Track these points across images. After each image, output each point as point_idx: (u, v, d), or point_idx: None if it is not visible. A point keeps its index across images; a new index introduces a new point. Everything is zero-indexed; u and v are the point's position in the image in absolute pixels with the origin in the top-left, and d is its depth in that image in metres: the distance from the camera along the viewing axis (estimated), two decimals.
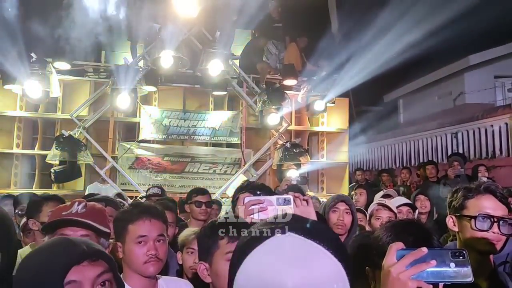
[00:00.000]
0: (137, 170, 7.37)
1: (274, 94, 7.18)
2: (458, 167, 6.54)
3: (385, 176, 8.59)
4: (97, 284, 1.07)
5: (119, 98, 6.54)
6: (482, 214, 1.72)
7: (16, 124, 7.17)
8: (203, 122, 7.59)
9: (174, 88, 7.79)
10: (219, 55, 6.89)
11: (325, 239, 0.78)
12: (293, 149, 7.08)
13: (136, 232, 1.86)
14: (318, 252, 0.76)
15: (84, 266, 1.05)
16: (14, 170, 7.15)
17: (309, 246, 0.77)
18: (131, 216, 1.91)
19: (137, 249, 1.85)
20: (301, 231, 0.78)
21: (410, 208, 3.51)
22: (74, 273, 1.03)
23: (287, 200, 1.66)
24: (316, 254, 0.76)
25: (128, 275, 1.89)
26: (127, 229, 1.88)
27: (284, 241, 0.77)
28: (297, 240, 0.77)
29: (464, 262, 0.97)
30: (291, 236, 0.78)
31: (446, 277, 0.97)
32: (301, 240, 0.77)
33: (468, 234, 1.75)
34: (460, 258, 0.97)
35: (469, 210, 1.77)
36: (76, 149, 6.52)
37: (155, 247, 1.86)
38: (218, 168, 7.66)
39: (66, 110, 7.24)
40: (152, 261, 1.84)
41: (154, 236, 1.88)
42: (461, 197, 1.82)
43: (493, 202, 1.75)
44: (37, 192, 6.29)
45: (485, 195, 1.77)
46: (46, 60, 6.71)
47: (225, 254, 1.58)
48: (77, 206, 1.82)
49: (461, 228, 1.80)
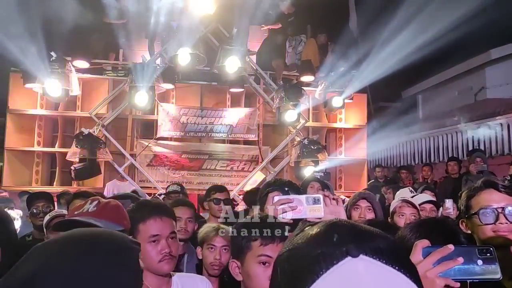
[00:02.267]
0: (155, 168, 7.42)
1: (291, 90, 7.14)
2: (480, 163, 6.42)
3: (404, 173, 8.48)
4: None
5: (137, 96, 6.58)
6: (484, 207, 1.71)
7: (37, 122, 7.28)
8: (220, 119, 7.59)
9: (191, 86, 7.82)
10: (236, 52, 6.88)
11: (404, 264, 0.63)
12: (310, 146, 7.03)
13: (149, 232, 1.85)
14: (400, 282, 0.61)
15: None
16: (35, 167, 7.27)
17: (389, 274, 0.61)
18: (141, 215, 1.88)
19: (150, 248, 1.84)
20: (375, 252, 0.62)
21: (434, 206, 3.44)
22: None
23: (316, 199, 1.64)
24: (397, 284, 0.61)
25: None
26: (138, 229, 1.86)
27: (357, 267, 0.61)
28: (373, 267, 0.61)
29: (492, 259, 0.96)
30: (365, 260, 0.61)
31: (473, 274, 0.96)
32: (377, 266, 0.61)
33: (480, 233, 1.72)
34: (487, 255, 0.96)
35: (473, 208, 1.75)
36: (95, 147, 6.59)
37: (168, 244, 1.85)
38: (235, 165, 7.66)
39: (85, 108, 7.32)
40: (166, 259, 1.84)
41: (167, 234, 1.87)
42: (465, 198, 1.81)
43: (495, 195, 1.72)
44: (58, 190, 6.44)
45: (486, 189, 1.75)
46: (66, 59, 6.79)
47: (257, 257, 1.56)
48: (89, 204, 1.81)
49: (472, 229, 1.77)
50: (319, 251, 0.63)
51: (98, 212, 1.79)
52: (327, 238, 0.65)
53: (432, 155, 11.73)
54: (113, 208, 1.88)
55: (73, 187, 6.81)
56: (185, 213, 3.00)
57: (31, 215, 3.80)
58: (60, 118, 7.48)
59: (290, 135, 7.58)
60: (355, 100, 8.03)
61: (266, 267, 1.55)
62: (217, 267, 2.40)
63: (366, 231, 0.67)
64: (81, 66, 7.15)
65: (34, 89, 6.82)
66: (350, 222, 0.69)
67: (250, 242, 1.59)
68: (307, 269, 0.62)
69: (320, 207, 1.65)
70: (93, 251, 0.89)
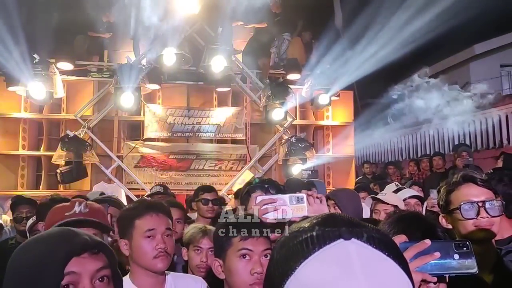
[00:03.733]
0: (142, 169, 7.37)
1: (278, 89, 7.14)
2: (466, 157, 6.50)
3: (392, 168, 8.56)
4: (95, 278, 1.03)
5: (123, 97, 6.53)
6: (465, 202, 1.72)
7: (21, 126, 7.19)
8: (207, 119, 7.57)
9: (177, 86, 7.78)
10: (221, 51, 6.86)
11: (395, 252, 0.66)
12: (298, 144, 7.04)
13: (144, 227, 1.84)
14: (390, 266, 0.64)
15: (84, 258, 1.02)
16: (20, 171, 7.17)
17: (379, 257, 0.64)
18: (138, 211, 1.89)
19: (145, 243, 1.82)
20: (367, 238, 0.65)
21: (418, 200, 3.47)
22: (74, 264, 0.99)
23: (300, 198, 1.64)
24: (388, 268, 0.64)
25: (135, 274, 1.87)
26: (134, 225, 1.85)
27: (348, 249, 0.63)
28: (364, 250, 0.63)
29: (468, 253, 0.97)
30: (356, 244, 0.64)
31: (450, 268, 0.97)
32: (369, 250, 0.64)
33: (461, 228, 1.74)
34: (464, 249, 0.97)
35: (454, 203, 1.77)
36: (81, 149, 6.52)
37: (164, 241, 1.84)
38: (223, 164, 7.65)
39: (70, 110, 7.25)
40: (161, 256, 1.82)
41: (162, 230, 1.86)
42: (444, 193, 1.82)
43: (474, 189, 1.74)
44: (44, 193, 6.36)
45: (465, 184, 1.77)
46: (49, 61, 6.71)
47: (238, 251, 1.58)
48: (78, 206, 1.80)
49: (453, 224, 1.79)
50: (313, 233, 0.66)
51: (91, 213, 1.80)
52: (321, 222, 0.68)
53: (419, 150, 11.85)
54: (100, 209, 1.90)
55: (60, 191, 6.74)
56: (174, 214, 2.99)
57: (14, 221, 3.81)
58: (44, 121, 7.40)
59: (278, 133, 7.58)
60: (341, 97, 8.06)
61: (246, 260, 1.57)
62: (203, 269, 2.38)
63: (360, 222, 0.69)
64: (65, 68, 7.08)
65: (18, 92, 6.73)
66: (346, 215, 0.71)
67: (230, 239, 1.60)
68: (300, 248, 0.65)
69: (304, 206, 1.65)
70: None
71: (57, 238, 1.04)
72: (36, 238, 1.08)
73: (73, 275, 0.99)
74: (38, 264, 0.98)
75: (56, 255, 0.99)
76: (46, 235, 1.08)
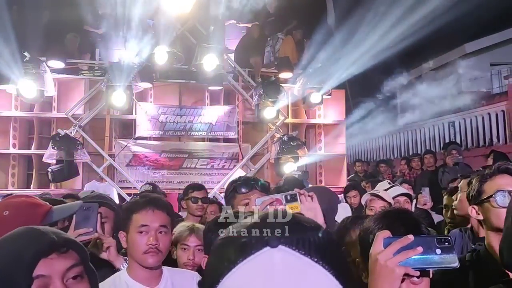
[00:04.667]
0: (134, 167, 7.35)
1: (270, 87, 7.15)
2: (456, 155, 6.57)
3: (383, 166, 8.61)
4: (67, 278, 0.99)
5: (115, 96, 6.51)
6: (500, 190, 1.71)
7: (12, 124, 7.13)
8: (199, 118, 7.57)
9: (169, 84, 7.76)
10: (213, 50, 6.85)
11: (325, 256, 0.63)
12: (290, 142, 7.06)
13: (139, 221, 1.89)
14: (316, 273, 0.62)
15: (52, 259, 0.97)
16: (11, 170, 7.12)
17: (305, 266, 0.62)
18: (136, 205, 1.94)
19: (138, 238, 1.86)
20: (296, 244, 0.63)
21: (407, 198, 3.50)
22: (42, 267, 0.95)
23: (293, 196, 1.66)
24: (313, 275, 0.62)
25: (132, 267, 1.92)
26: (131, 218, 1.91)
27: (273, 258, 0.62)
28: (290, 258, 0.62)
29: (450, 248, 1.00)
30: (283, 251, 0.62)
31: (432, 263, 0.99)
32: (295, 257, 0.62)
33: (493, 217, 1.71)
34: (445, 244, 1.00)
35: (487, 192, 1.75)
36: (72, 148, 6.49)
37: (156, 237, 1.86)
38: (215, 163, 7.65)
39: (62, 109, 7.21)
40: (151, 252, 1.84)
41: (156, 226, 1.88)
42: (477, 183, 1.81)
43: (508, 179, 1.75)
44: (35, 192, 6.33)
45: (499, 174, 1.77)
46: (40, 59, 6.67)
47: None
48: None
49: (485, 214, 1.77)
50: (242, 241, 0.64)
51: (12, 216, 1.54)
52: (250, 228, 0.66)
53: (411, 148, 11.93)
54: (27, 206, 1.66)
55: (51, 189, 6.70)
56: None
57: None
58: (35, 120, 7.35)
59: (270, 132, 7.60)
60: (333, 96, 8.09)
61: None
62: (190, 267, 2.39)
63: (296, 224, 0.67)
64: (56, 66, 7.03)
65: (8, 90, 6.69)
66: (284, 214, 0.69)
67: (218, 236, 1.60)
68: (227, 258, 0.63)
69: (298, 204, 1.68)
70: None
71: (20, 239, 0.99)
72: (4, 239, 1.01)
73: (42, 278, 0.95)
74: (3, 270, 0.94)
75: (23, 258, 0.94)
76: (9, 238, 1.02)
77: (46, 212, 1.55)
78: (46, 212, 1.56)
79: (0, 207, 1.50)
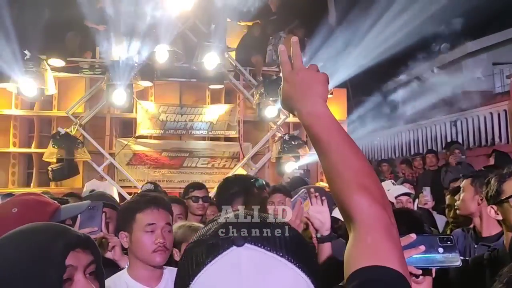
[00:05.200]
0: (135, 166, 7.34)
1: (271, 86, 7.12)
2: (459, 154, 6.55)
3: (385, 166, 8.56)
4: (87, 272, 1.04)
5: (115, 94, 6.50)
6: None
7: (12, 123, 7.12)
8: (200, 116, 7.55)
9: (170, 83, 7.74)
10: (214, 48, 6.84)
11: (289, 249, 0.65)
12: (291, 141, 7.04)
13: (145, 221, 1.89)
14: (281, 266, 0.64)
15: (78, 253, 1.02)
16: (11, 169, 7.11)
17: (271, 260, 0.64)
18: (139, 205, 1.94)
19: (145, 237, 1.87)
20: (261, 241, 0.65)
21: (409, 198, 3.48)
22: (71, 258, 1.00)
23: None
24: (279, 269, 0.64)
25: (133, 267, 1.91)
26: (135, 218, 1.90)
27: (240, 256, 0.64)
28: (256, 254, 0.64)
29: (452, 247, 1.00)
30: (249, 249, 0.64)
31: (435, 262, 1.00)
32: (261, 254, 0.64)
33: None
34: (448, 243, 1.00)
35: (506, 192, 1.73)
36: (73, 147, 6.49)
37: (163, 236, 1.87)
38: (216, 162, 7.63)
39: (62, 107, 7.19)
40: (160, 250, 1.86)
41: (162, 224, 1.90)
42: (496, 183, 1.78)
43: None
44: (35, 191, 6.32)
45: None
46: (40, 57, 6.65)
47: None
48: None
49: (504, 215, 1.74)
50: (209, 242, 0.66)
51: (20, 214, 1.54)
52: (217, 230, 0.68)
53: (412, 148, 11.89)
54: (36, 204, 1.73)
55: (51, 188, 6.69)
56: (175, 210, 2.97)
57: None
58: (36, 118, 7.34)
59: (271, 131, 7.57)
60: (335, 95, 8.06)
61: None
62: None
63: (261, 222, 0.69)
64: (56, 64, 7.01)
65: (8, 89, 6.67)
66: (250, 214, 0.71)
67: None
68: (196, 260, 0.65)
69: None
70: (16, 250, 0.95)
71: (46, 233, 1.04)
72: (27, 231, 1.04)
73: (71, 268, 1.00)
74: (32, 260, 0.96)
75: (56, 247, 0.98)
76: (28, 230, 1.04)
77: (55, 211, 1.55)
78: (55, 210, 1.55)
79: (9, 204, 1.51)
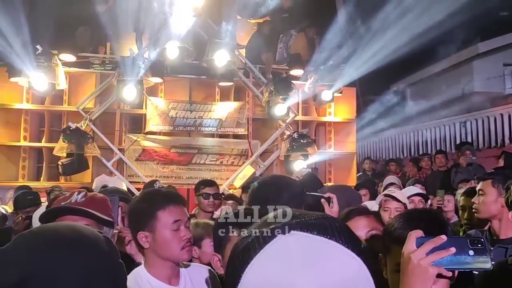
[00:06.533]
0: (144, 162, 7.36)
1: (280, 84, 7.12)
2: (470, 155, 6.50)
3: (393, 165, 8.55)
4: None
5: (125, 90, 6.51)
6: None
7: (23, 117, 7.17)
8: (209, 113, 7.55)
9: (180, 79, 7.75)
10: (225, 45, 6.83)
11: (336, 232, 0.67)
12: (300, 140, 7.03)
13: (170, 218, 1.82)
14: (331, 247, 0.65)
15: None
16: (21, 163, 7.16)
17: (319, 242, 0.65)
18: (158, 203, 1.85)
19: (173, 235, 1.81)
20: (306, 226, 0.66)
21: (422, 198, 3.46)
22: None
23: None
24: (329, 250, 0.65)
25: (153, 264, 1.85)
26: (157, 217, 1.82)
27: (287, 242, 0.65)
28: (304, 238, 0.65)
29: (483, 249, 0.98)
30: (295, 234, 0.66)
31: (465, 264, 0.98)
32: (308, 238, 0.66)
33: None
34: (478, 246, 0.98)
35: None
36: (83, 142, 6.51)
37: (188, 231, 1.86)
38: (225, 159, 7.64)
39: (73, 102, 7.23)
40: (187, 247, 1.82)
41: (186, 220, 1.87)
42: None
43: None
44: (45, 185, 6.36)
45: None
46: (52, 52, 6.69)
47: None
48: (76, 195, 1.78)
49: None
50: (256, 236, 0.68)
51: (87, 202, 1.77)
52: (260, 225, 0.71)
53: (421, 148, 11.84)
54: (101, 200, 1.87)
55: (61, 182, 6.74)
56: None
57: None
58: (46, 113, 7.38)
59: (280, 129, 7.57)
60: (344, 94, 8.03)
61: None
62: None
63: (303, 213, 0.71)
64: (67, 59, 7.04)
65: (20, 83, 6.71)
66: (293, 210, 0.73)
67: (228, 234, 1.57)
68: (242, 256, 0.68)
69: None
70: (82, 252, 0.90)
71: None
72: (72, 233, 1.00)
73: None
74: None
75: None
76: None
77: None
78: None
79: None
